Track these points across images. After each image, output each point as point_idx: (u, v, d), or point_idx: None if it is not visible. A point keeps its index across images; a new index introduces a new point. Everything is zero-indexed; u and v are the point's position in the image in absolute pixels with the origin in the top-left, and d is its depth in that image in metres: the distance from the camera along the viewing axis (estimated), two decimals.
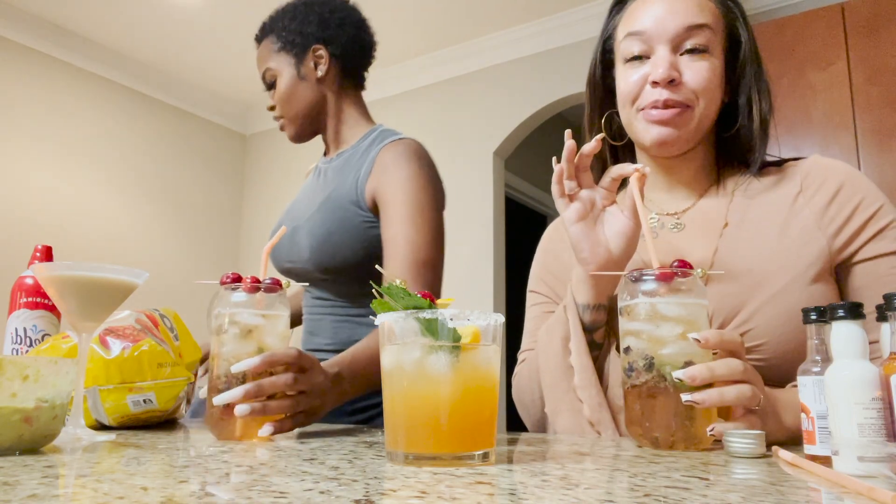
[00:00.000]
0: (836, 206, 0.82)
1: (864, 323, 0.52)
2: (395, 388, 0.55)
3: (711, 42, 0.84)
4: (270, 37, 1.33)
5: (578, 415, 0.82)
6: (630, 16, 0.88)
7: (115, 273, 0.76)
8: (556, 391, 0.84)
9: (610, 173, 0.80)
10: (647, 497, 0.38)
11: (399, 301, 0.57)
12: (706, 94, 0.83)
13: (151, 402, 0.86)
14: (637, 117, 0.87)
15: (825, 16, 2.58)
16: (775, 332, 0.78)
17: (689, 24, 0.83)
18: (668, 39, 0.83)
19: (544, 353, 0.87)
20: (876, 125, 2.41)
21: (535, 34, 3.61)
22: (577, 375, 0.81)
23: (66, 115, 3.74)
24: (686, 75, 0.83)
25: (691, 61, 0.83)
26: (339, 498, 0.37)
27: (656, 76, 0.82)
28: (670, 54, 0.83)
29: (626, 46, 0.87)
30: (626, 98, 0.87)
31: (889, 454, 0.47)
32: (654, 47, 0.84)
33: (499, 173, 3.72)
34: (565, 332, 0.83)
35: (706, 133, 0.88)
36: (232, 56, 3.98)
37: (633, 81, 0.86)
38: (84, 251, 3.60)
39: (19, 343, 1.03)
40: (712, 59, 0.84)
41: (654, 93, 0.83)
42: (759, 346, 0.78)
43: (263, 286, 0.76)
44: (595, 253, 0.79)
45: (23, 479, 0.43)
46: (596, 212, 0.80)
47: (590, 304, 0.82)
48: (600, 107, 0.97)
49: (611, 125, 0.96)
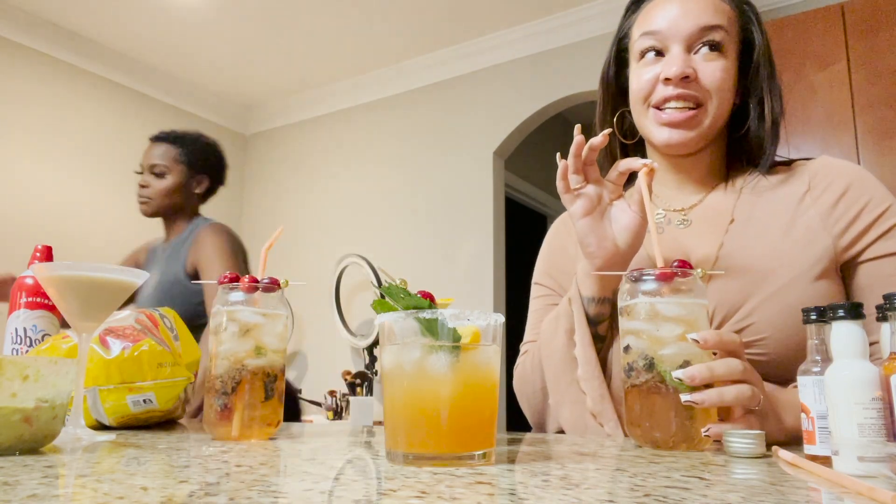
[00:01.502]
0: (842, 206, 0.82)
1: (864, 323, 0.52)
2: (395, 388, 0.55)
3: (725, 43, 0.85)
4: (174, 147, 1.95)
5: (581, 406, 0.82)
6: (645, 16, 0.89)
7: (115, 273, 0.76)
8: (560, 383, 0.85)
9: (618, 167, 0.80)
10: (647, 497, 0.38)
11: (399, 301, 0.57)
12: (720, 93, 0.84)
13: (151, 402, 0.86)
14: (648, 115, 0.87)
15: (825, 16, 2.58)
16: (777, 328, 0.78)
17: (704, 25, 0.84)
18: (682, 39, 0.84)
19: (548, 344, 0.87)
20: (876, 125, 2.41)
21: (535, 34, 3.61)
22: (581, 367, 0.82)
23: (66, 115, 3.74)
24: (700, 73, 0.83)
25: (705, 60, 0.84)
26: (339, 498, 0.37)
27: (669, 73, 0.83)
28: (684, 53, 0.84)
29: (641, 45, 0.88)
30: (639, 95, 0.88)
31: (889, 454, 0.47)
32: (669, 46, 0.85)
33: (499, 173, 3.72)
34: (570, 325, 0.84)
35: (718, 133, 0.89)
36: (232, 56, 3.98)
37: (647, 80, 0.86)
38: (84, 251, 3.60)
39: (19, 343, 1.03)
40: (725, 60, 0.85)
41: (666, 90, 0.84)
42: (760, 341, 0.78)
43: (262, 285, 0.76)
44: (602, 247, 0.79)
45: (23, 479, 0.43)
46: (603, 206, 0.80)
47: (595, 297, 0.82)
48: (612, 105, 0.98)
49: (622, 123, 0.96)
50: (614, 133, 0.97)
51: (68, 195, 3.68)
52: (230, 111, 4.71)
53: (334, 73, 4.17)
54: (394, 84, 4.12)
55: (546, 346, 0.88)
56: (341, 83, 4.28)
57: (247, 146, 4.88)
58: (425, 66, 3.98)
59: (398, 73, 4.07)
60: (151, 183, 1.89)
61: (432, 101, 3.98)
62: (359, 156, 4.22)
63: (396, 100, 4.13)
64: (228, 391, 0.73)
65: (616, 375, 0.83)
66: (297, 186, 4.46)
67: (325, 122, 4.45)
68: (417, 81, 4.04)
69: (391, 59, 3.98)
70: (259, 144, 4.80)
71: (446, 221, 3.72)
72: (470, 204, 3.65)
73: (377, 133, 4.17)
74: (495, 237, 3.59)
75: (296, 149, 4.54)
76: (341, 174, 4.27)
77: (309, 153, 4.48)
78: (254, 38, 3.74)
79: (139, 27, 3.67)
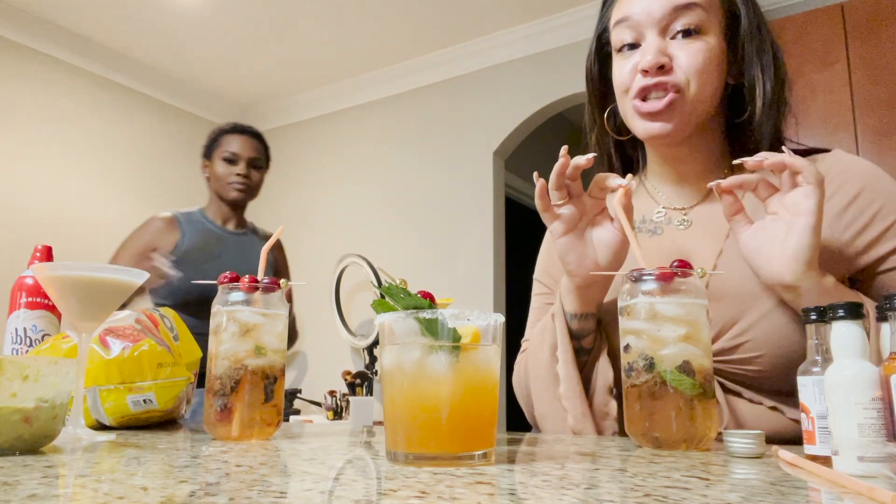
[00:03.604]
0: (853, 212, 0.78)
1: (863, 323, 0.52)
2: (395, 388, 0.55)
3: (704, 21, 0.80)
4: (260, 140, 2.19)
5: (563, 423, 0.82)
6: (619, 5, 0.86)
7: (115, 273, 0.76)
8: (544, 397, 0.84)
9: (597, 183, 0.78)
10: (647, 497, 0.38)
11: (399, 301, 0.57)
12: (699, 77, 0.79)
13: (151, 402, 0.86)
14: (630, 108, 0.84)
15: (825, 16, 2.58)
16: (773, 345, 0.76)
17: (677, 5, 0.79)
18: (655, 23, 0.80)
19: (534, 358, 0.87)
20: (876, 125, 2.41)
21: (535, 34, 3.61)
22: (563, 385, 0.81)
23: (66, 115, 3.74)
24: (678, 59, 0.79)
25: (683, 44, 0.80)
26: (339, 498, 0.37)
27: (644, 64, 0.79)
28: (659, 39, 0.80)
29: (616, 36, 0.85)
30: (621, 90, 0.85)
31: (889, 454, 0.47)
32: (644, 33, 0.82)
33: (499, 173, 3.72)
34: (553, 341, 0.84)
35: (707, 118, 0.84)
36: (231, 56, 3.97)
37: (626, 72, 0.83)
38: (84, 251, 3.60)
39: (19, 343, 1.03)
40: (707, 39, 0.80)
41: (644, 80, 0.80)
42: (756, 358, 0.77)
43: (262, 285, 0.76)
44: (582, 265, 0.78)
45: (23, 479, 0.43)
46: (583, 223, 0.79)
47: (577, 313, 0.82)
48: (600, 102, 0.94)
49: (615, 119, 0.93)
50: (606, 131, 0.94)
51: (68, 195, 3.68)
52: (229, 111, 4.70)
53: (334, 73, 4.17)
54: (394, 84, 4.12)
55: (532, 358, 0.87)
56: (341, 83, 4.28)
57: None
58: (425, 66, 3.98)
59: (398, 73, 4.07)
60: (252, 174, 2.14)
61: (432, 101, 3.98)
62: (358, 156, 4.22)
63: (396, 100, 4.13)
64: (228, 391, 0.73)
65: (600, 389, 0.82)
66: (296, 186, 4.46)
67: (324, 122, 4.45)
68: (417, 81, 4.04)
69: (391, 59, 3.98)
70: None
71: (446, 221, 3.72)
72: (470, 204, 3.65)
73: (377, 133, 4.16)
74: (495, 237, 3.58)
75: (295, 149, 4.54)
76: (341, 174, 4.27)
77: (308, 153, 4.48)
78: (253, 37, 3.73)
79: (139, 27, 3.67)
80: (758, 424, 0.77)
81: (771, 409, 0.78)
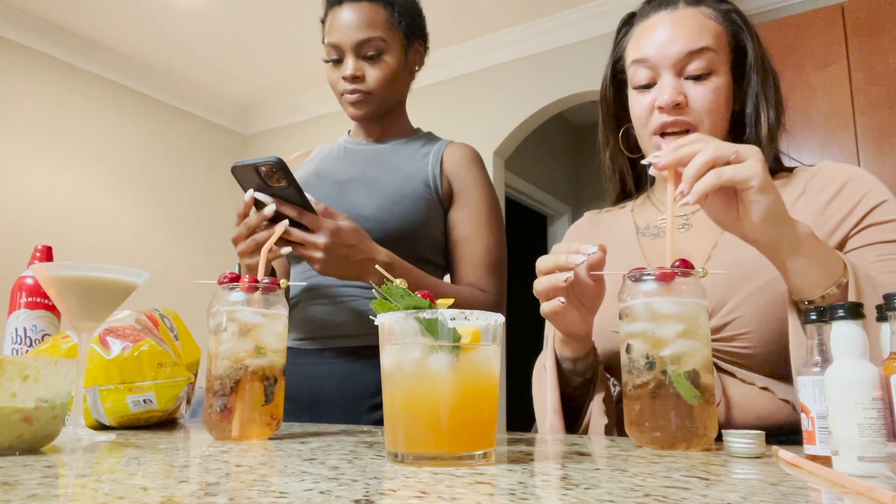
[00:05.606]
0: (836, 204, 0.83)
1: (864, 323, 0.52)
2: (395, 388, 0.55)
3: (714, 62, 0.88)
4: (386, 8, 1.23)
5: None
6: (636, 40, 0.93)
7: (115, 273, 0.76)
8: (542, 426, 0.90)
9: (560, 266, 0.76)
10: (647, 497, 0.38)
11: (399, 301, 0.57)
12: (711, 115, 0.88)
13: (151, 402, 0.86)
14: (650, 143, 0.91)
15: (825, 16, 2.58)
16: (761, 322, 0.80)
17: (690, 50, 0.87)
18: (670, 65, 0.88)
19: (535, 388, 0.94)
20: (876, 125, 2.41)
21: (535, 34, 3.61)
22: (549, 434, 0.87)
23: (66, 115, 3.74)
24: (692, 98, 0.87)
25: (695, 85, 0.87)
26: (339, 498, 0.37)
27: (661, 102, 0.87)
28: (674, 79, 0.88)
29: (633, 73, 0.92)
30: (638, 123, 0.93)
31: (889, 454, 0.47)
32: (660, 72, 0.89)
33: (499, 173, 3.72)
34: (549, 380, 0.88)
35: None
36: (232, 56, 3.98)
37: (643, 107, 0.91)
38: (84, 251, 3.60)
39: (19, 343, 1.03)
40: (716, 79, 0.88)
41: (661, 117, 0.88)
42: (744, 335, 0.81)
43: (262, 286, 0.76)
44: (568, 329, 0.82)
45: (23, 479, 0.43)
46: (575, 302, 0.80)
47: (569, 357, 0.86)
48: (615, 122, 1.02)
49: (628, 138, 1.00)
50: (620, 149, 1.01)
51: (68, 195, 3.68)
52: (230, 111, 4.71)
53: None
54: None
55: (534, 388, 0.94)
56: None
57: (246, 146, 4.88)
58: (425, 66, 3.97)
59: None
60: (366, 70, 1.23)
61: (432, 101, 3.97)
62: None
63: None
64: (228, 391, 0.73)
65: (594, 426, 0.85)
66: None
67: (324, 122, 4.45)
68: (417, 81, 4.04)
69: None
70: (259, 144, 4.80)
71: None
72: None
73: None
74: None
75: (295, 148, 4.54)
76: None
77: None
78: (254, 37, 3.73)
79: (139, 27, 3.67)
80: (749, 404, 0.80)
81: (762, 389, 0.81)
